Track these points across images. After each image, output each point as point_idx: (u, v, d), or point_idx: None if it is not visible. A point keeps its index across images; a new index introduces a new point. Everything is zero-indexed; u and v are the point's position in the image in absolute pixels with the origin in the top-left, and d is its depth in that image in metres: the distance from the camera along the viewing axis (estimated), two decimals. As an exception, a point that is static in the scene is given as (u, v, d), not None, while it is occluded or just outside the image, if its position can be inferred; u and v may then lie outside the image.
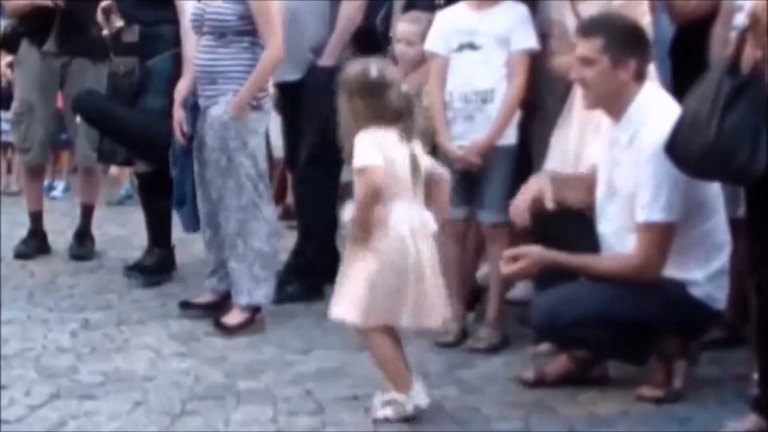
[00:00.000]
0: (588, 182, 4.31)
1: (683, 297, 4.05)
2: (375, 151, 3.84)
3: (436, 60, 4.95)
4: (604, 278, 4.02)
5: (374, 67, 3.95)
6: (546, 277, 4.15)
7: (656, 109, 4.08)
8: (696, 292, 4.07)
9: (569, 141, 4.62)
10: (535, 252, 4.13)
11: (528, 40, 4.82)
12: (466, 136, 4.83)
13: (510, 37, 4.81)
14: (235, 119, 5.01)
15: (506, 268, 4.18)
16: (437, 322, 3.99)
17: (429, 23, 5.16)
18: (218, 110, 5.04)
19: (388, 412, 3.87)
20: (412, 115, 3.96)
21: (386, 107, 3.89)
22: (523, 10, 4.86)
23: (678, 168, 3.79)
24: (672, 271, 4.04)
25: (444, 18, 4.98)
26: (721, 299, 4.13)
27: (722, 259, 4.12)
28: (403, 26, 5.24)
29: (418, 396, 3.89)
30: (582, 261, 4.12)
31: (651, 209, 3.96)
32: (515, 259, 4.13)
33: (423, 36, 5.12)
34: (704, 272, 4.07)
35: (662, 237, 4.00)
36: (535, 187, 4.28)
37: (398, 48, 5.23)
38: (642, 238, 4.01)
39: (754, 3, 3.51)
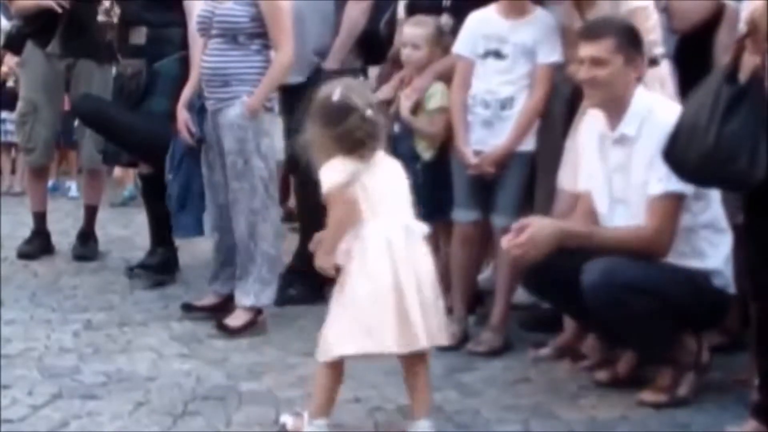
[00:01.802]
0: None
1: (708, 287, 4.12)
2: (341, 175, 3.70)
3: (461, 63, 4.97)
4: (612, 247, 4.03)
5: (338, 91, 3.77)
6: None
7: (656, 97, 4.22)
8: (718, 281, 4.14)
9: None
10: (542, 220, 4.15)
11: (554, 53, 4.84)
12: (484, 142, 4.86)
13: (536, 49, 4.83)
14: (251, 121, 5.02)
15: (513, 241, 4.04)
16: (437, 341, 3.78)
17: (435, 27, 5.18)
18: (235, 113, 5.04)
19: (288, 420, 3.80)
20: (377, 138, 3.77)
21: (347, 135, 3.72)
22: (551, 21, 4.87)
23: (676, 174, 3.81)
24: (690, 261, 4.10)
25: (473, 21, 4.99)
26: (732, 284, 4.19)
27: (729, 243, 4.18)
28: (408, 30, 5.26)
29: (319, 428, 3.73)
30: (591, 229, 4.18)
31: (669, 180, 3.97)
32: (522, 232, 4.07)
33: (428, 39, 5.14)
34: (719, 258, 4.14)
35: (677, 207, 4.05)
36: (544, 244, 4.08)
37: (404, 52, 5.24)
38: (658, 209, 4.05)
39: (752, 9, 3.52)
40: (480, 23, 4.96)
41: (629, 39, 4.18)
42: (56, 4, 6.59)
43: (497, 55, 4.88)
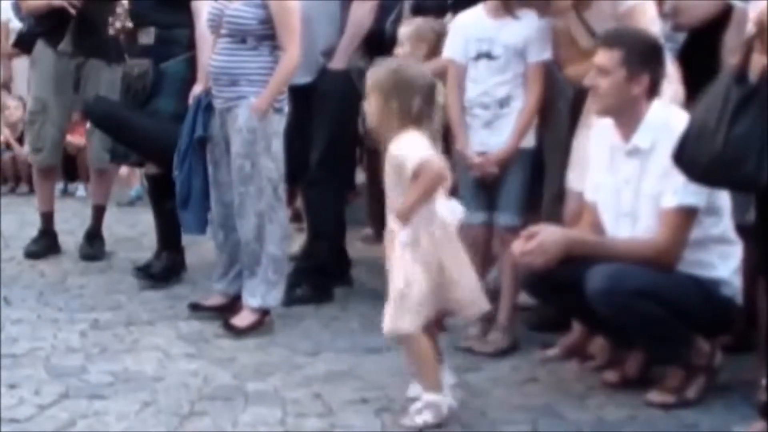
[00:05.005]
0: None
1: (715, 295, 4.10)
2: (426, 146, 3.90)
3: (453, 67, 4.95)
4: (621, 257, 4.02)
5: (427, 72, 4.06)
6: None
7: (672, 110, 4.16)
8: (725, 291, 4.12)
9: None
10: (551, 228, 4.14)
11: (544, 52, 4.83)
12: (485, 143, 4.85)
13: (527, 49, 4.81)
14: (261, 122, 5.02)
15: (522, 247, 4.07)
16: (475, 311, 4.09)
17: (416, 26, 5.23)
18: (244, 115, 5.02)
19: (426, 416, 3.88)
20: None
21: (434, 106, 3.98)
22: (539, 19, 4.86)
23: (686, 176, 3.80)
24: (699, 270, 4.08)
25: (461, 24, 4.98)
26: (739, 295, 4.18)
27: (738, 255, 4.16)
28: (405, 30, 5.30)
29: (448, 398, 3.94)
30: (600, 238, 4.18)
31: (684, 193, 3.97)
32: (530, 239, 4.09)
33: (410, 37, 5.21)
34: (728, 269, 4.12)
35: (690, 221, 4.03)
36: (553, 251, 4.09)
37: (396, 51, 5.30)
38: (671, 222, 4.03)
39: (761, 10, 3.52)
40: (468, 26, 4.94)
41: (639, 54, 4.12)
42: (69, 4, 6.60)
43: (489, 56, 4.86)
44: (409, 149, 3.88)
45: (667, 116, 4.10)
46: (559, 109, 4.92)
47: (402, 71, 3.97)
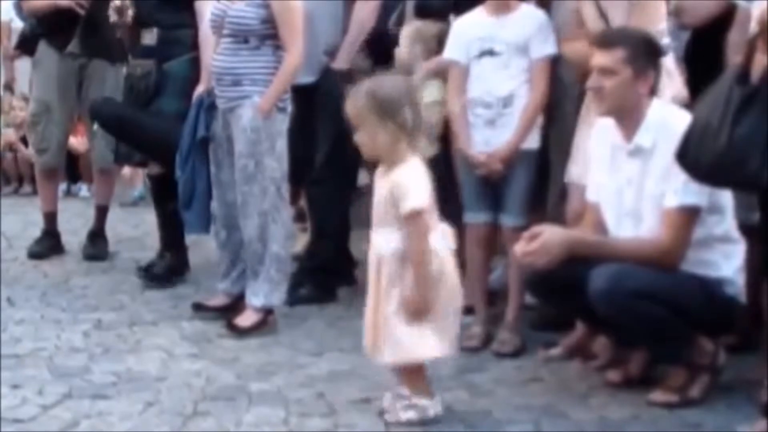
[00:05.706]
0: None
1: (718, 294, 4.09)
2: (426, 185, 3.81)
3: (455, 68, 4.95)
4: (624, 257, 4.00)
5: (406, 76, 4.02)
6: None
7: (672, 108, 4.16)
8: (729, 290, 4.11)
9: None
10: (554, 228, 4.12)
11: (547, 46, 4.82)
12: (488, 142, 4.85)
13: (529, 44, 4.81)
14: (264, 122, 5.02)
15: (524, 248, 4.04)
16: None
17: (414, 28, 5.24)
18: (247, 115, 5.02)
19: (411, 414, 3.88)
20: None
21: (419, 106, 3.87)
22: (541, 16, 4.87)
23: (689, 175, 3.80)
24: (702, 270, 4.07)
25: (462, 25, 4.98)
26: (743, 293, 4.17)
27: (741, 254, 4.15)
28: (405, 31, 5.32)
29: (437, 404, 3.94)
30: (603, 238, 4.17)
31: (685, 193, 3.96)
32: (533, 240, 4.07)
33: (407, 38, 5.21)
34: (731, 268, 4.11)
35: (692, 221, 4.01)
36: (555, 252, 4.08)
37: (399, 52, 5.33)
38: (673, 222, 4.01)
39: (763, 9, 3.52)
40: (469, 27, 4.94)
41: (642, 52, 4.12)
42: (76, 4, 6.60)
43: (491, 53, 4.86)
44: (413, 185, 3.78)
45: (668, 115, 4.10)
46: (565, 110, 4.90)
47: (380, 89, 3.86)
